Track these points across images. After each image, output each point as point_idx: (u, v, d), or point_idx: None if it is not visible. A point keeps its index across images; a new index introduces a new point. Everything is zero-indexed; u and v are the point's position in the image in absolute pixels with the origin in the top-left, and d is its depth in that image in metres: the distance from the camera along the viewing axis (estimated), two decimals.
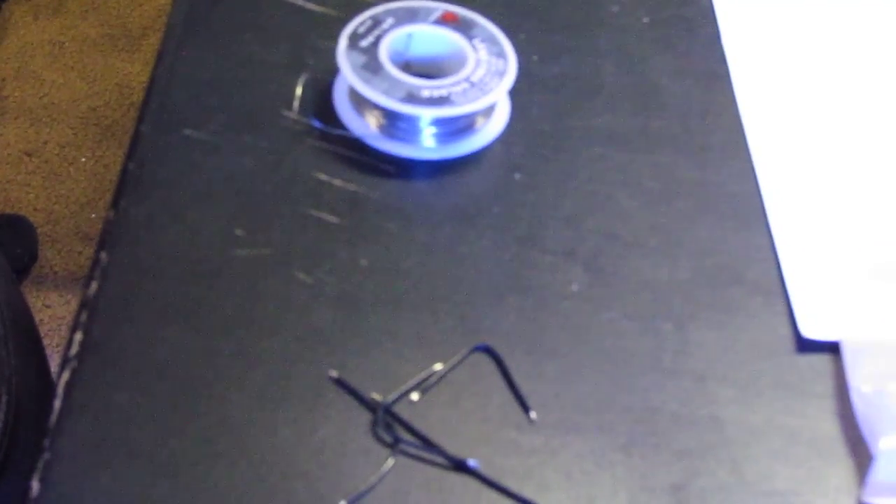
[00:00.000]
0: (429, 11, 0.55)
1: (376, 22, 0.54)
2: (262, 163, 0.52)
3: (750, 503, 0.43)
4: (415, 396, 0.44)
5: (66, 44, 1.72)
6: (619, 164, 0.54)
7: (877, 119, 0.58)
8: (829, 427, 0.45)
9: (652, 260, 0.50)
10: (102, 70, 1.69)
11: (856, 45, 0.62)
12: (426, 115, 0.51)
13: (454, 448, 0.43)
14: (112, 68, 1.69)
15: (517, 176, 0.53)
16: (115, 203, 0.50)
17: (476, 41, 0.54)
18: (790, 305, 0.49)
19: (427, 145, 0.53)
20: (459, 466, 0.43)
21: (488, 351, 0.46)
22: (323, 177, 0.52)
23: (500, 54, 0.53)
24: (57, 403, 0.43)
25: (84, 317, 0.45)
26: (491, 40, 0.54)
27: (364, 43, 0.53)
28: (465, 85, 0.51)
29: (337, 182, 0.52)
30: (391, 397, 0.44)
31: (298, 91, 0.55)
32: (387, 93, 0.50)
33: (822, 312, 0.48)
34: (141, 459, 0.42)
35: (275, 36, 0.58)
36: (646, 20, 0.62)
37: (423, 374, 0.45)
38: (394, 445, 0.43)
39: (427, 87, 0.51)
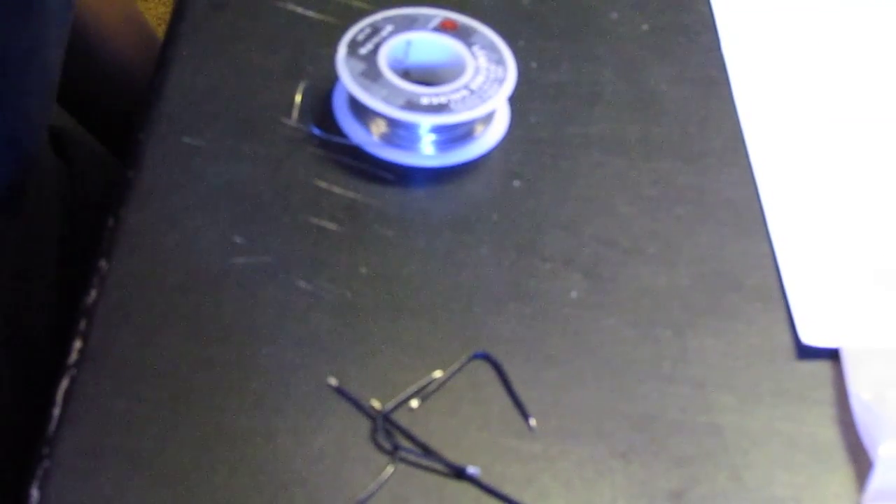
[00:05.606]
0: (428, 19, 0.55)
1: (375, 29, 0.54)
2: (262, 170, 0.52)
3: None
4: (414, 404, 0.44)
5: None
6: (619, 171, 0.54)
7: (877, 125, 0.58)
8: (829, 433, 0.45)
9: (651, 267, 0.50)
10: None
11: (856, 52, 0.62)
12: (425, 122, 0.51)
13: (454, 455, 0.43)
14: None
15: (516, 183, 0.53)
16: (113, 211, 0.50)
17: (475, 48, 0.54)
18: (790, 312, 0.49)
19: (426, 152, 0.53)
20: (459, 474, 0.42)
21: (488, 358, 0.46)
22: (322, 184, 0.52)
23: (500, 61, 0.53)
24: (56, 411, 0.43)
25: (83, 324, 0.45)
26: (490, 47, 0.54)
27: (363, 50, 0.53)
28: (465, 92, 0.51)
29: (336, 189, 0.52)
30: (390, 405, 0.44)
31: (298, 98, 0.55)
32: (386, 100, 0.50)
33: (822, 319, 0.48)
34: (140, 467, 0.42)
35: (274, 43, 0.58)
36: (645, 27, 0.62)
37: (422, 382, 0.45)
38: (393, 453, 0.43)
39: (426, 95, 0.51)
